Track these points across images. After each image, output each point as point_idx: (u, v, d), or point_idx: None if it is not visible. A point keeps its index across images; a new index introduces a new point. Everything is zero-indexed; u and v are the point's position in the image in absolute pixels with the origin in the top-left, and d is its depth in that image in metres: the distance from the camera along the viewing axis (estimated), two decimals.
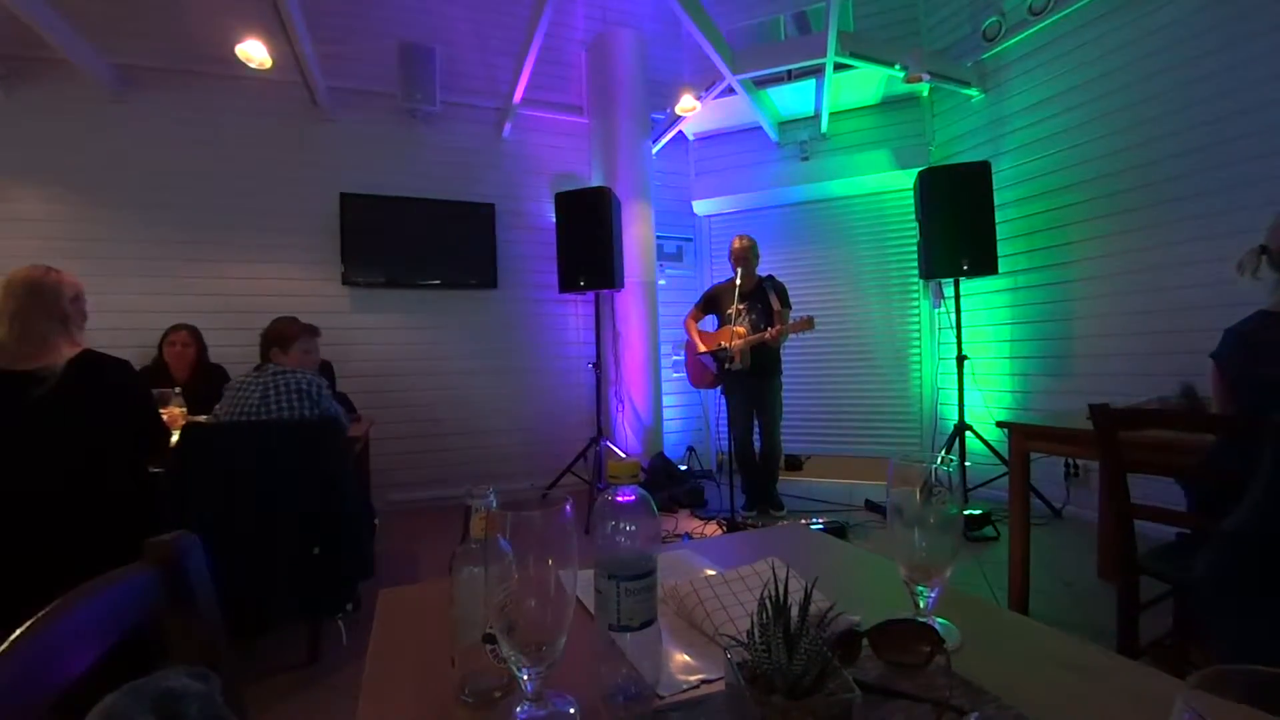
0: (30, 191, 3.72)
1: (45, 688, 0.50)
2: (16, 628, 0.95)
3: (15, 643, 0.47)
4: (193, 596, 0.66)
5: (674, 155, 5.23)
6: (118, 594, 0.59)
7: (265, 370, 2.12)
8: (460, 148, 4.56)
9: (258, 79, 3.99)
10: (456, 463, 4.43)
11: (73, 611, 0.53)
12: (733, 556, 0.96)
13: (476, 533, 0.61)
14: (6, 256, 3.56)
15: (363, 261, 4.21)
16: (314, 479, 1.99)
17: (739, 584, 0.74)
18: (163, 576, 0.63)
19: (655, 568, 0.57)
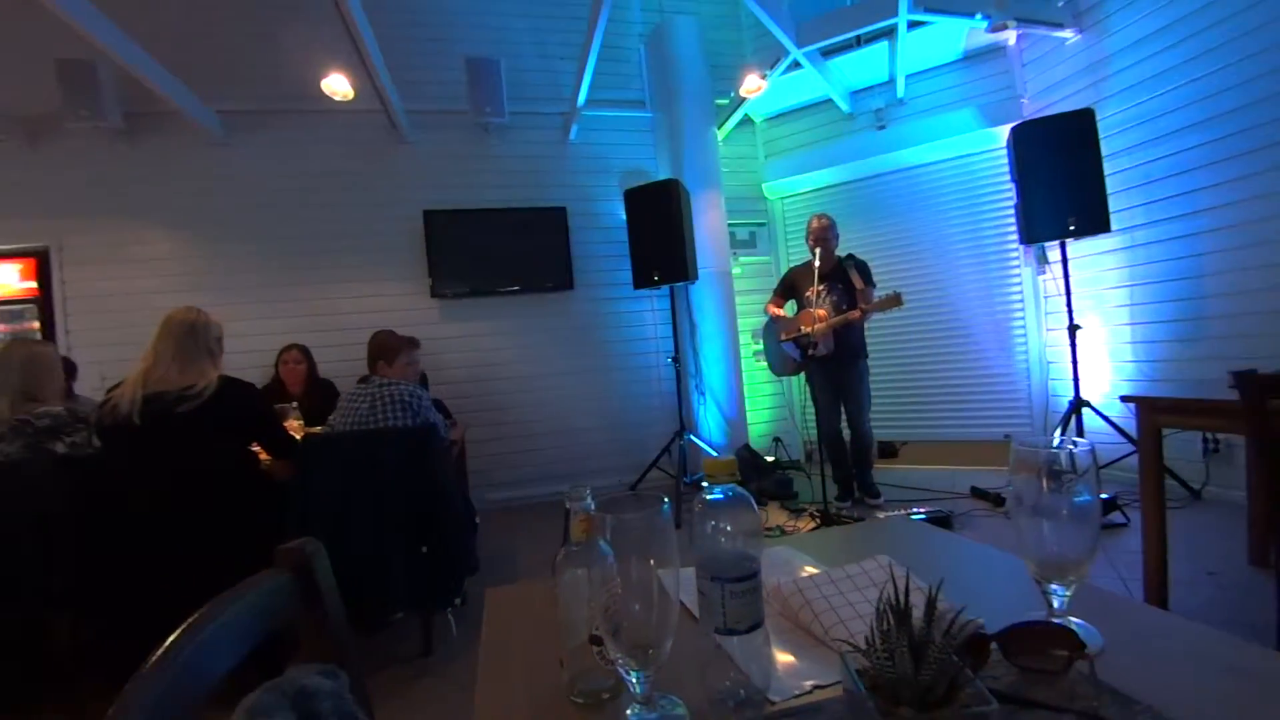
0: (158, 233, 4.17)
1: (205, 680, 0.54)
2: (170, 602, 1.05)
3: (178, 640, 0.52)
4: (321, 598, 0.70)
5: (741, 139, 5.12)
6: (259, 597, 0.63)
7: (371, 382, 2.28)
8: (530, 155, 4.67)
9: (342, 110, 4.26)
10: (546, 462, 4.57)
11: (224, 612, 0.58)
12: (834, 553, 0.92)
13: (576, 535, 0.61)
14: (144, 292, 4.05)
15: (448, 273, 4.41)
16: (419, 482, 2.11)
17: (847, 583, 0.71)
18: (295, 580, 0.68)
19: (759, 569, 0.56)
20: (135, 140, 4.13)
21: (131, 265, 4.11)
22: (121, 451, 1.96)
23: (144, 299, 3.99)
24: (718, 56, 4.82)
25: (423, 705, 1.94)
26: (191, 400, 1.92)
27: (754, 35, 4.90)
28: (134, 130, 4.09)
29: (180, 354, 1.97)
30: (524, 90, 4.59)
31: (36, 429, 2.07)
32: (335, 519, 2.05)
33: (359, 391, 2.27)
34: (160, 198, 4.16)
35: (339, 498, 2.06)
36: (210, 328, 2.07)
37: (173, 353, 1.97)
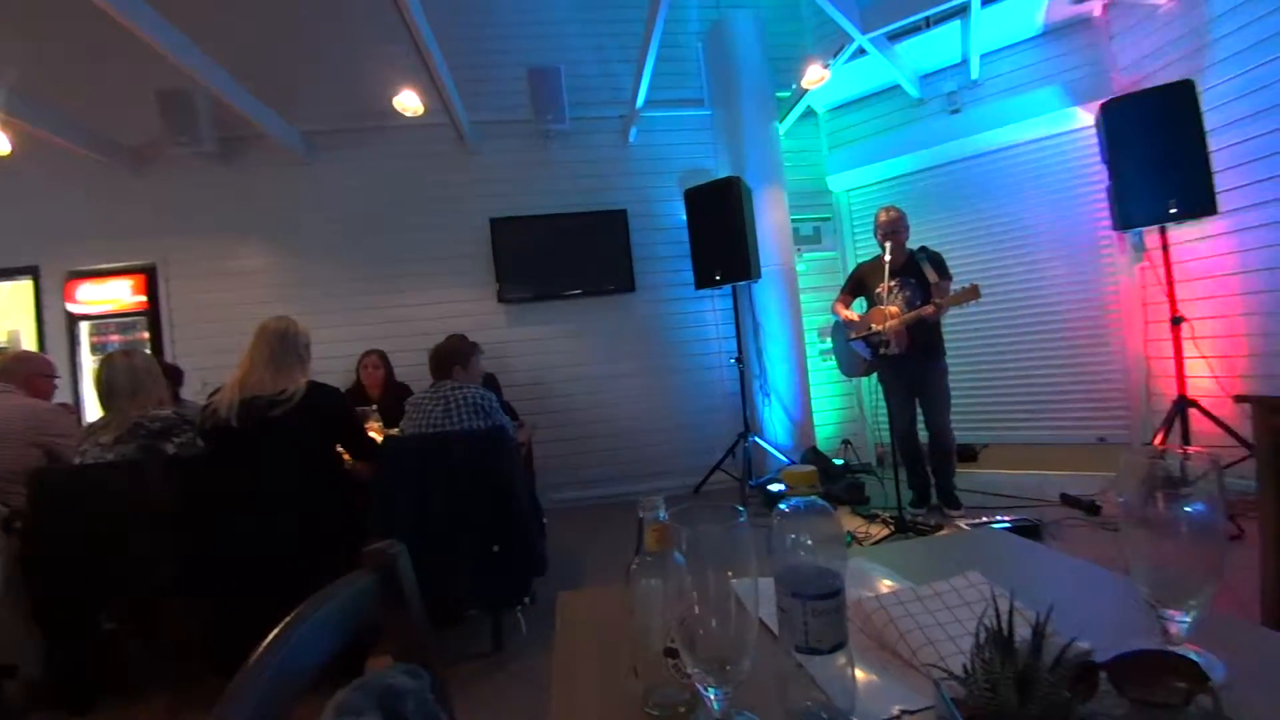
0: (251, 248, 4.49)
1: (302, 675, 0.57)
2: (265, 593, 1.12)
3: (279, 636, 0.54)
4: (405, 599, 0.73)
5: (804, 132, 4.99)
6: (348, 597, 0.66)
7: (443, 386, 2.36)
8: (590, 159, 4.73)
9: (412, 125, 4.45)
10: (608, 463, 4.61)
11: (319, 611, 0.60)
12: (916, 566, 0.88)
13: (650, 545, 0.61)
14: (239, 303, 4.36)
15: (513, 279, 4.53)
16: (489, 483, 2.18)
17: (935, 601, 0.67)
18: (380, 581, 0.71)
19: (843, 586, 0.53)
20: (228, 162, 4.46)
21: (228, 278, 4.45)
22: (222, 452, 2.11)
23: (239, 309, 4.29)
24: (777, 49, 4.73)
25: (493, 701, 2.00)
26: (283, 404, 2.06)
27: (815, 24, 4.77)
28: (227, 153, 4.43)
29: (273, 360, 2.11)
30: (583, 95, 4.65)
31: (150, 431, 2.27)
32: (412, 518, 2.14)
33: (431, 395, 2.36)
34: (251, 215, 4.49)
35: (415, 497, 2.15)
36: (300, 335, 2.21)
37: (266, 359, 2.11)
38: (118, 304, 4.46)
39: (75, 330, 4.46)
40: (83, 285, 4.45)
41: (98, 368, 2.37)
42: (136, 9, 2.96)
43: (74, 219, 4.45)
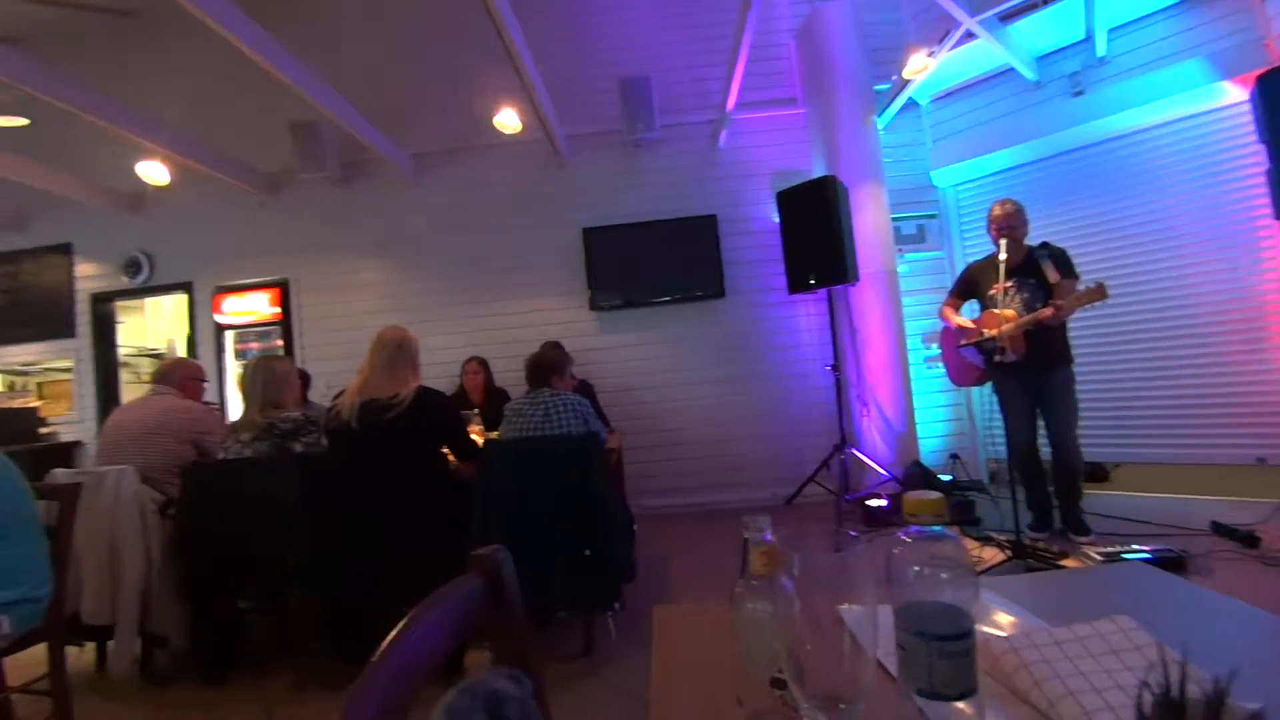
0: (369, 263, 4.89)
1: (421, 671, 0.59)
2: (378, 582, 1.19)
3: (398, 637, 0.57)
4: (510, 605, 0.75)
5: (905, 126, 4.73)
6: (461, 598, 0.68)
7: (542, 393, 2.45)
8: (679, 165, 4.74)
9: (510, 142, 4.68)
10: (697, 471, 4.57)
11: (433, 613, 0.63)
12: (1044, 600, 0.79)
13: (756, 568, 0.59)
14: (358, 313, 4.76)
15: (605, 287, 4.62)
16: (582, 488, 2.22)
17: (1076, 646, 0.60)
18: (487, 586, 0.73)
19: (973, 626, 0.49)
20: (349, 186, 4.89)
21: (349, 291, 4.87)
22: (343, 451, 2.29)
23: (359, 319, 4.71)
24: (875, 39, 4.52)
25: (586, 705, 2.02)
26: (396, 408, 2.21)
27: (916, 11, 4.51)
28: (348, 177, 4.86)
29: (389, 367, 2.28)
30: (673, 102, 4.68)
31: (281, 431, 2.50)
32: (509, 518, 2.22)
33: (531, 402, 2.44)
34: (368, 233, 4.89)
35: (513, 499, 2.22)
36: (412, 344, 2.37)
37: (383, 366, 2.28)
38: (257, 315, 4.99)
39: (221, 338, 5.04)
40: (228, 299, 5.01)
41: (243, 372, 2.65)
42: (273, 50, 3.31)
43: (221, 240, 5.04)
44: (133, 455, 2.49)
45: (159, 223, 5.15)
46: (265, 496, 2.32)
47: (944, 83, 4.54)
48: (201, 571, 2.38)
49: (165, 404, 2.70)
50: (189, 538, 2.39)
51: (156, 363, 4.80)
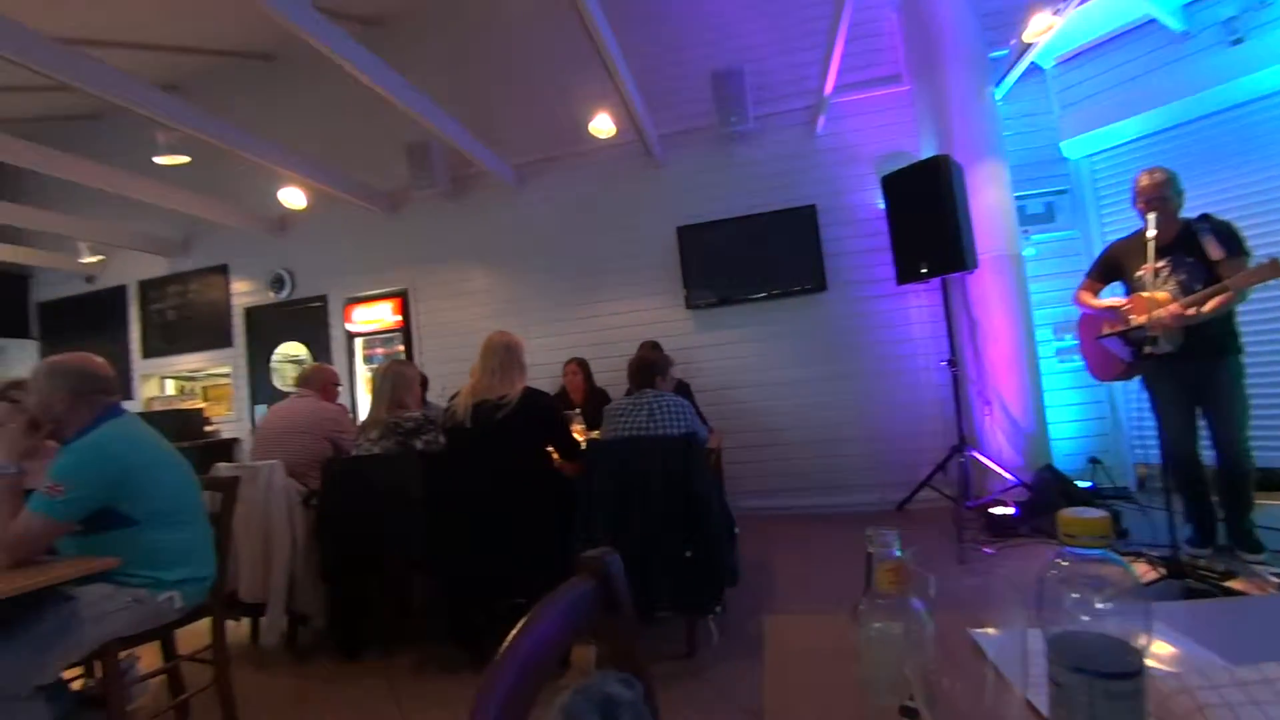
0: (477, 271, 5.18)
1: (541, 670, 0.60)
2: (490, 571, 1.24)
3: (519, 635, 0.58)
4: (620, 608, 0.75)
5: (1027, 94, 4.29)
6: (575, 599, 0.69)
7: (645, 394, 2.47)
8: (775, 156, 4.61)
9: (604, 146, 4.78)
10: (798, 473, 4.42)
11: (553, 610, 0.64)
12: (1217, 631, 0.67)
13: (882, 585, 0.54)
14: (470, 319, 5.06)
15: (700, 285, 4.59)
16: (682, 488, 2.21)
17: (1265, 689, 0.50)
18: (598, 588, 0.73)
19: (1144, 664, 0.42)
20: (458, 199, 5.20)
21: (461, 298, 5.20)
22: (459, 449, 2.44)
23: (470, 324, 5.01)
24: (989, 2, 4.14)
25: (687, 705, 2.01)
26: (506, 407, 2.33)
27: None
28: (457, 191, 5.17)
29: (498, 369, 2.40)
30: (767, 92, 4.56)
31: (404, 430, 2.70)
32: (611, 517, 2.25)
33: (634, 402, 2.47)
34: (476, 243, 5.19)
35: (615, 498, 2.26)
36: (519, 346, 2.50)
37: (493, 368, 2.41)
38: (381, 323, 5.43)
39: (352, 345, 5.53)
40: (356, 308, 5.49)
41: (374, 375, 2.90)
42: (389, 78, 3.58)
43: (349, 255, 5.54)
44: (280, 451, 2.79)
45: (298, 242, 5.75)
46: (391, 490, 2.52)
47: (1071, 42, 4.08)
48: (337, 557, 2.62)
49: (307, 406, 3.00)
50: (327, 526, 2.64)
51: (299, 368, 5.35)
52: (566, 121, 4.83)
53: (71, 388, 1.78)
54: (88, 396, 1.80)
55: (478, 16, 5.14)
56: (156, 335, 6.35)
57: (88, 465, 1.70)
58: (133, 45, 4.87)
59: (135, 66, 4.90)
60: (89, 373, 1.83)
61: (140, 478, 1.78)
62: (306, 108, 5.53)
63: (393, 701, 2.18)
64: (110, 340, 6.39)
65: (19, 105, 5.52)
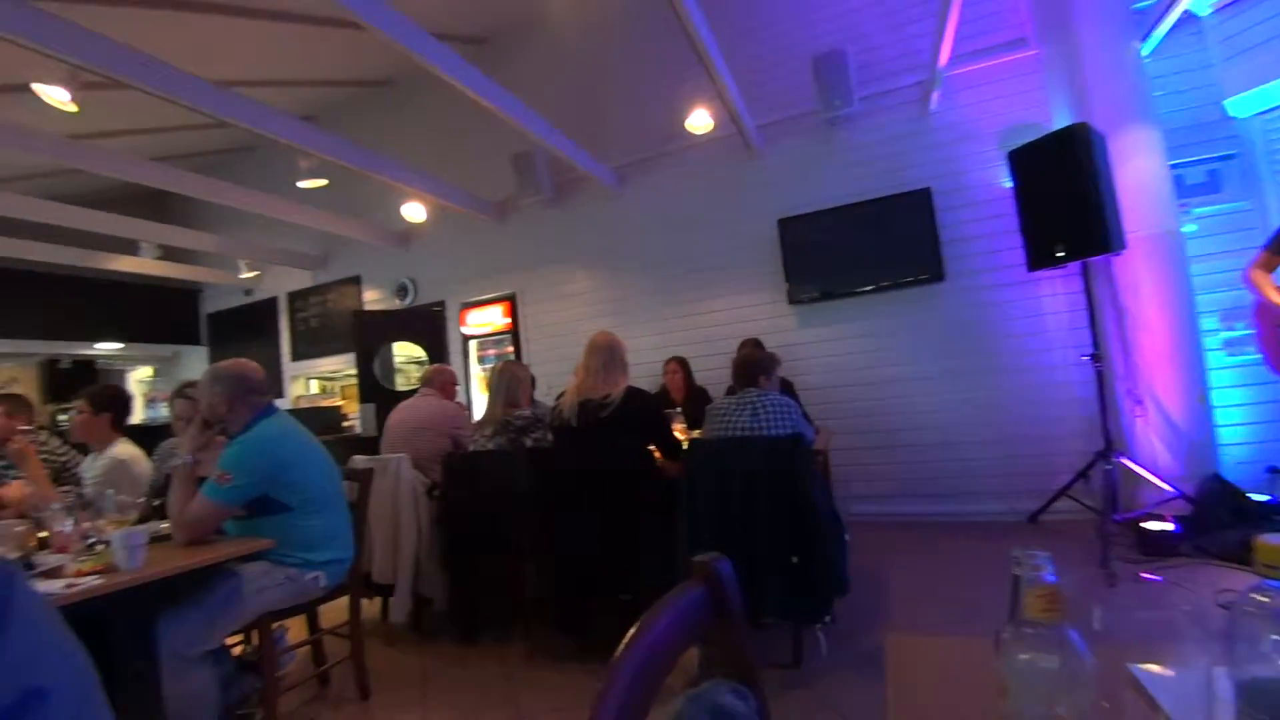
0: (579, 273, 5.33)
1: (658, 674, 0.59)
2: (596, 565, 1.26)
3: (634, 638, 0.57)
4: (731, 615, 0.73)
5: (1181, 47, 3.72)
6: (686, 605, 0.68)
7: (749, 393, 2.41)
8: (884, 139, 4.34)
9: (703, 142, 4.74)
10: (913, 477, 4.14)
11: (666, 615, 0.63)
12: None
13: (1032, 612, 0.49)
14: (573, 320, 5.22)
15: (803, 279, 4.42)
16: (788, 491, 2.13)
17: None
18: (708, 594, 0.72)
19: None
20: (560, 205, 5.39)
21: (564, 300, 5.39)
22: (565, 447, 2.52)
23: (573, 325, 5.18)
24: None
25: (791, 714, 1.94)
26: (609, 406, 2.37)
27: None
28: (560, 197, 5.35)
29: (602, 368, 2.46)
30: (872, 70, 4.30)
31: (515, 428, 2.83)
32: (715, 520, 2.22)
33: (737, 402, 2.42)
34: (578, 246, 5.35)
35: (718, 500, 2.22)
36: (621, 346, 2.55)
37: (597, 368, 2.47)
38: (493, 326, 5.74)
39: (466, 347, 5.88)
40: (471, 313, 5.84)
41: (491, 374, 3.07)
42: (496, 93, 3.76)
43: (464, 263, 5.91)
44: (406, 446, 3.02)
45: (419, 253, 6.22)
46: (503, 484, 2.64)
47: None
48: (456, 546, 2.80)
49: (430, 404, 3.23)
50: (447, 516, 2.83)
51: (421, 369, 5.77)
52: (664, 120, 4.85)
53: (230, 391, 2.03)
54: (244, 398, 2.05)
55: (574, 25, 5.28)
56: (302, 340, 7.12)
57: (249, 457, 1.93)
58: (276, 83, 5.48)
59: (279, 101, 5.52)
60: (244, 377, 2.07)
61: (292, 469, 2.00)
62: (421, 127, 5.96)
63: (507, 685, 2.29)
64: (266, 345, 7.26)
65: (188, 143, 6.38)
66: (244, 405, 2.05)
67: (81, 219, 5.24)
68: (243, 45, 4.69)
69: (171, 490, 1.93)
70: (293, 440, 2.08)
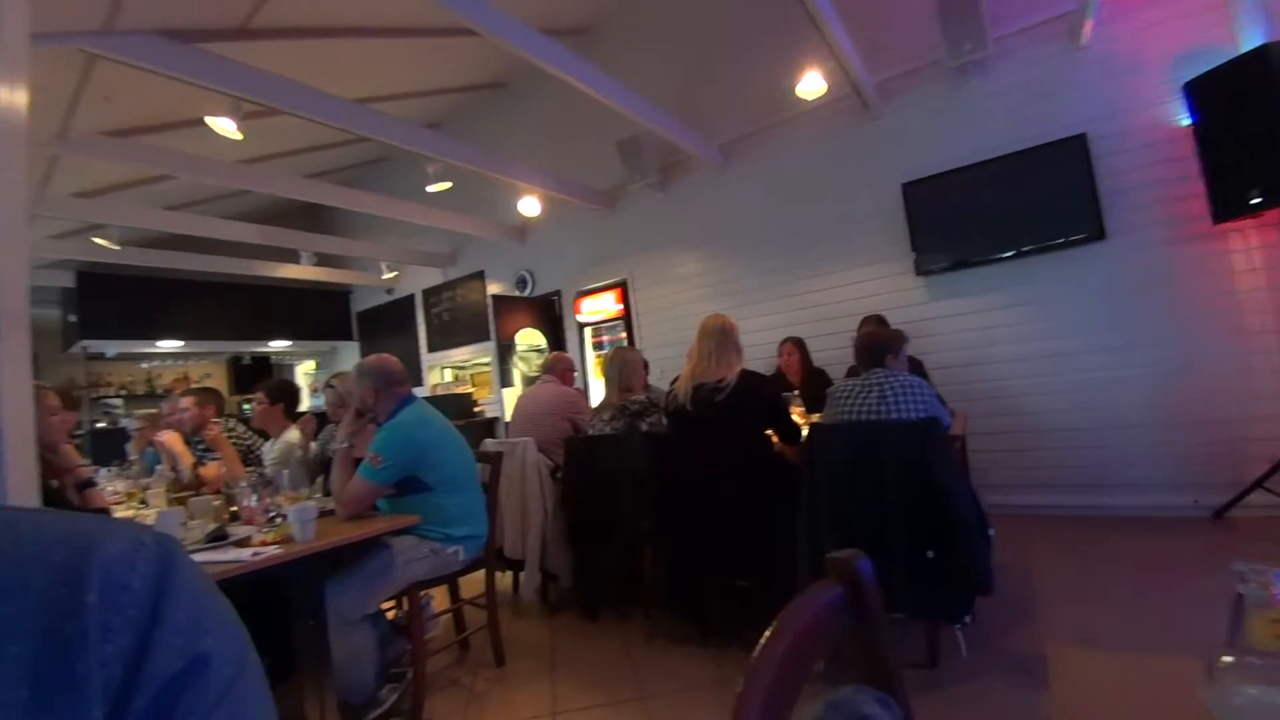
0: (688, 256, 5.30)
1: (799, 677, 0.56)
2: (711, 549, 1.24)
3: (773, 638, 0.55)
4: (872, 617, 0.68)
5: None
6: (825, 605, 0.64)
7: (875, 374, 2.25)
8: (1024, 81, 3.83)
9: (814, 108, 4.50)
10: (1063, 465, 3.68)
11: (803, 616, 0.60)
12: None
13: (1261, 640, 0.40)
14: (683, 304, 5.20)
15: (933, 247, 4.06)
16: (921, 479, 1.98)
17: None
18: (847, 594, 0.67)
19: None
20: (667, 188, 5.37)
21: (674, 284, 5.39)
22: (681, 431, 2.52)
23: (685, 308, 5.17)
24: None
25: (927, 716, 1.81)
26: (724, 390, 2.34)
27: None
28: (666, 180, 5.34)
29: (715, 352, 2.42)
30: (1009, 6, 3.78)
31: (631, 412, 2.88)
32: (839, 511, 2.11)
33: (862, 384, 2.26)
34: (686, 227, 5.31)
35: (843, 488, 2.11)
36: (734, 329, 2.49)
37: (709, 352, 2.43)
38: (606, 313, 5.87)
39: (581, 335, 6.07)
40: (585, 300, 6.01)
41: (605, 360, 3.15)
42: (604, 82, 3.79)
43: (577, 253, 6.08)
44: (531, 430, 3.18)
45: (535, 245, 6.50)
46: (621, 468, 2.70)
47: None
48: (578, 526, 2.91)
49: (551, 390, 3.37)
50: (569, 497, 2.95)
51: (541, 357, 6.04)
52: (771, 89, 4.64)
53: (375, 384, 2.27)
54: (388, 389, 2.28)
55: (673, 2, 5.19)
56: (436, 333, 7.73)
57: (395, 441, 2.13)
58: (402, 96, 5.90)
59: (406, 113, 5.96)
60: (386, 370, 2.31)
61: (432, 451, 2.19)
62: (532, 123, 6.17)
63: (629, 664, 2.35)
64: (406, 339, 7.97)
65: (331, 159, 7.07)
66: (388, 395, 2.26)
67: (253, 234, 6.02)
68: (373, 63, 5.10)
69: (333, 471, 2.17)
70: (432, 425, 2.27)
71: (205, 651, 0.30)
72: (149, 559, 0.31)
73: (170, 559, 0.32)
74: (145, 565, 0.30)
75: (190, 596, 0.31)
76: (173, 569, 0.31)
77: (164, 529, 1.86)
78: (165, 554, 0.32)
